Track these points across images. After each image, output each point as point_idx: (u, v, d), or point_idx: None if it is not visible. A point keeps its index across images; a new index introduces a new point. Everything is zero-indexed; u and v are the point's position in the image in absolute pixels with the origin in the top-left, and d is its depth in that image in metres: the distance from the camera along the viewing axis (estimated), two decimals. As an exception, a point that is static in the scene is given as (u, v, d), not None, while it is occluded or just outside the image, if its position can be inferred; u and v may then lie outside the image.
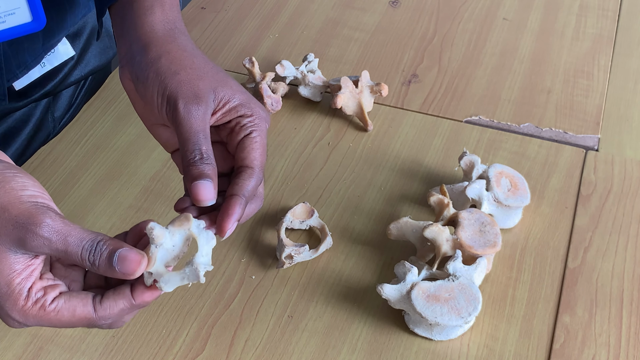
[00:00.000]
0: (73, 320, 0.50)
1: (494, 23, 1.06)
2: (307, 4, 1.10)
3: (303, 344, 0.67)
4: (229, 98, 0.58)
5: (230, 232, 0.54)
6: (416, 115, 0.91)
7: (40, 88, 0.88)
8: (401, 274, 0.68)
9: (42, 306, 0.50)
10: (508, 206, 0.75)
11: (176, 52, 0.60)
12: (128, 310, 0.51)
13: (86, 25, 0.92)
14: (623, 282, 0.72)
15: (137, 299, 0.51)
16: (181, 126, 0.56)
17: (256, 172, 0.57)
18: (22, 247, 0.48)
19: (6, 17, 0.58)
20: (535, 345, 0.67)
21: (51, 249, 0.49)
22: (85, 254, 0.49)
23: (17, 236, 0.48)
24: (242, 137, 0.58)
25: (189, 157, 0.54)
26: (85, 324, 0.51)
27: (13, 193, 0.49)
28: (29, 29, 0.60)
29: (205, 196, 0.54)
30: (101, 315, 0.51)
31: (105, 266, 0.49)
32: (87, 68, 0.93)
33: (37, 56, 0.84)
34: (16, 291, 0.49)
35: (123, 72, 0.62)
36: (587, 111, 0.91)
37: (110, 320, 0.51)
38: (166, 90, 0.57)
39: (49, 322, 0.50)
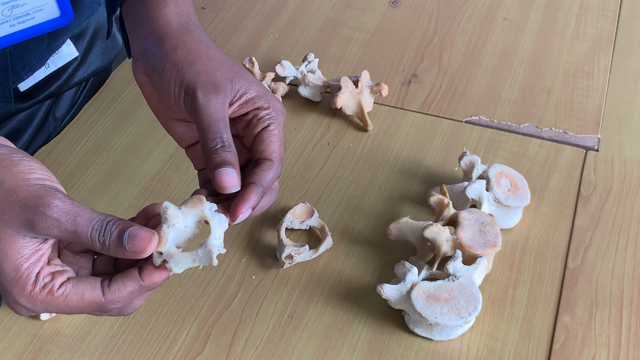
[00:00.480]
0: (81, 304, 0.50)
1: (494, 23, 1.06)
2: (307, 4, 1.10)
3: (303, 344, 0.67)
4: (245, 90, 0.58)
5: (243, 217, 0.54)
6: (416, 115, 0.91)
7: (44, 89, 0.88)
8: (401, 274, 0.68)
9: (50, 291, 0.49)
10: (508, 206, 0.75)
11: (192, 43, 0.59)
12: (137, 292, 0.51)
13: (89, 26, 0.92)
14: (623, 282, 0.72)
15: (146, 280, 0.50)
16: (201, 115, 0.55)
17: (275, 165, 0.56)
18: (31, 229, 0.48)
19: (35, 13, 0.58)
20: (535, 345, 0.67)
21: (60, 230, 0.48)
22: (95, 234, 0.48)
23: (26, 218, 0.48)
24: (259, 129, 0.58)
25: (210, 146, 0.54)
26: (94, 308, 0.50)
27: (20, 176, 0.49)
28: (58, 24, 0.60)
29: (229, 183, 0.53)
30: (110, 298, 0.50)
31: (115, 245, 0.49)
32: (90, 69, 0.93)
33: (42, 57, 0.84)
34: (24, 276, 0.49)
35: (137, 67, 0.61)
36: (587, 111, 0.91)
37: (119, 304, 0.51)
38: (184, 80, 0.57)
39: (57, 307, 0.50)
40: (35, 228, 0.48)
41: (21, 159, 0.50)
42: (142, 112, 0.91)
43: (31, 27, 0.59)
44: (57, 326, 0.69)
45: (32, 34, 0.59)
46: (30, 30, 0.59)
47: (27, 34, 0.59)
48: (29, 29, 0.59)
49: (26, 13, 0.58)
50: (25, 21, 0.58)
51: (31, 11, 0.58)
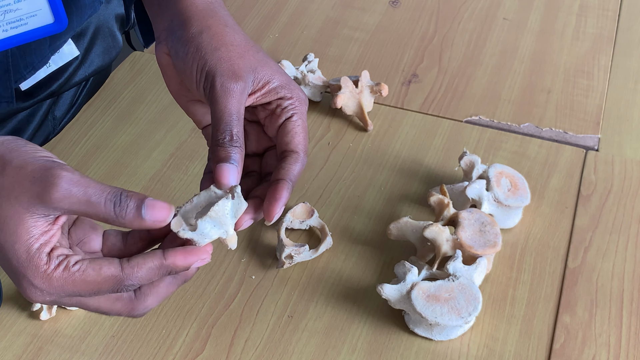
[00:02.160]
0: (99, 279, 0.48)
1: (494, 23, 1.06)
2: (307, 4, 1.10)
3: (303, 344, 0.67)
4: (268, 79, 0.57)
5: (278, 216, 0.54)
6: (416, 115, 0.91)
7: (45, 88, 0.88)
8: (401, 274, 0.68)
9: (66, 267, 0.48)
10: (508, 206, 0.75)
11: (217, 27, 0.59)
12: (156, 270, 0.49)
13: (90, 26, 0.92)
14: (623, 282, 0.72)
15: (169, 259, 0.49)
16: (216, 104, 0.54)
17: (301, 157, 0.57)
18: (41, 202, 0.47)
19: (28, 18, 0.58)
20: (535, 345, 0.67)
21: (71, 202, 0.47)
22: (109, 205, 0.48)
23: (36, 191, 0.47)
24: (283, 120, 0.58)
25: (218, 138, 0.53)
26: (112, 283, 0.49)
27: (27, 154, 0.49)
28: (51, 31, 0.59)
29: (228, 179, 0.52)
30: (128, 272, 0.49)
31: (133, 216, 0.48)
32: (91, 68, 0.93)
33: (44, 57, 0.84)
34: (36, 256, 0.48)
35: (160, 48, 0.60)
36: (587, 111, 0.91)
37: (137, 281, 0.49)
38: (206, 65, 0.56)
39: (74, 284, 0.48)
40: (45, 200, 0.47)
41: (25, 143, 0.50)
42: (142, 112, 0.91)
43: (24, 33, 0.58)
44: (57, 326, 0.69)
45: (25, 39, 0.58)
46: (23, 36, 0.58)
47: (20, 40, 0.58)
48: (22, 35, 0.58)
49: (19, 18, 0.58)
50: (19, 27, 0.58)
51: (24, 17, 0.58)
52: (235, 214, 0.51)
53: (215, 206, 0.50)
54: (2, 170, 0.48)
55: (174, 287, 0.53)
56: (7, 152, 0.49)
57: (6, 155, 0.49)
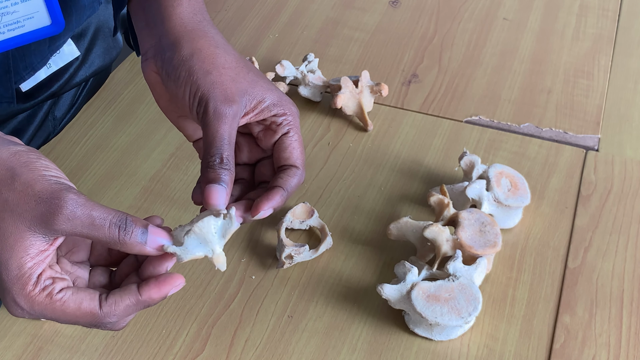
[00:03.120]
0: (77, 313, 0.50)
1: (494, 23, 1.06)
2: (307, 4, 1.10)
3: (303, 344, 0.67)
4: (260, 98, 0.58)
5: (263, 215, 0.55)
6: (416, 115, 0.91)
7: (46, 89, 0.88)
8: (401, 274, 0.68)
9: (49, 294, 0.49)
10: (508, 206, 0.75)
11: (208, 49, 0.59)
12: (133, 307, 0.51)
13: (90, 26, 0.92)
14: (623, 282, 0.72)
15: (144, 295, 0.51)
16: (208, 128, 0.55)
17: (300, 171, 0.58)
18: (44, 223, 0.48)
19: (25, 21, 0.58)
20: (535, 345, 0.67)
21: (74, 224, 0.48)
22: (114, 229, 0.49)
23: (41, 212, 0.48)
24: (279, 136, 0.59)
25: (208, 160, 0.55)
26: (89, 319, 0.50)
27: (37, 172, 0.49)
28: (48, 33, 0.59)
29: (216, 200, 0.53)
30: (106, 311, 0.50)
31: (136, 241, 0.49)
32: (91, 68, 0.93)
33: (44, 58, 0.84)
34: (26, 275, 0.49)
35: (148, 65, 0.61)
36: (587, 111, 0.91)
37: (114, 318, 0.51)
38: (198, 91, 0.57)
39: (53, 312, 0.50)
40: (49, 222, 0.48)
41: (38, 157, 0.51)
42: (142, 112, 0.91)
43: (21, 35, 0.58)
44: (57, 326, 0.69)
45: (22, 41, 0.58)
46: (20, 38, 0.58)
47: (17, 42, 0.58)
48: (19, 37, 0.58)
49: (16, 21, 0.58)
50: (16, 29, 0.58)
51: (21, 19, 0.58)
52: (224, 234, 0.52)
53: (200, 222, 0.50)
54: (11, 183, 0.49)
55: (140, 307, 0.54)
56: (19, 165, 0.50)
57: (17, 169, 0.49)
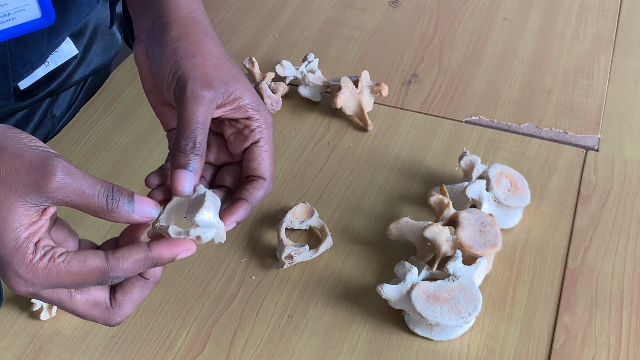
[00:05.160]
0: (83, 270, 0.49)
1: (494, 23, 1.06)
2: (307, 4, 1.10)
3: (303, 344, 0.67)
4: (239, 95, 0.58)
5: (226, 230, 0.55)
6: (416, 115, 0.91)
7: (44, 87, 0.88)
8: (401, 274, 0.68)
9: (51, 258, 0.49)
10: (508, 206, 0.75)
11: (197, 34, 0.59)
12: (142, 262, 0.50)
13: (88, 24, 0.92)
14: (623, 282, 0.72)
15: (154, 251, 0.50)
16: (184, 110, 0.55)
17: (267, 183, 0.57)
18: (37, 190, 0.48)
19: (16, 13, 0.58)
20: (535, 345, 0.67)
21: (66, 192, 0.48)
22: (102, 197, 0.49)
23: (32, 179, 0.48)
24: (250, 143, 0.58)
25: (181, 143, 0.54)
26: (96, 275, 0.49)
27: (24, 143, 0.49)
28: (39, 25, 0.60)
29: (184, 187, 0.53)
30: (113, 264, 0.49)
31: (123, 209, 0.49)
32: (90, 67, 0.93)
33: (42, 55, 0.84)
34: (24, 245, 0.48)
35: (139, 48, 0.61)
36: (587, 111, 0.91)
37: (122, 273, 0.50)
38: (179, 70, 0.56)
39: (58, 275, 0.49)
40: (41, 189, 0.48)
41: (20, 132, 0.51)
42: (142, 112, 0.91)
43: (12, 28, 0.59)
44: (57, 326, 0.69)
45: (13, 34, 0.59)
46: (11, 31, 0.59)
47: (8, 34, 0.59)
48: (10, 29, 0.59)
49: (7, 13, 0.58)
50: (6, 21, 0.59)
51: (12, 11, 0.58)
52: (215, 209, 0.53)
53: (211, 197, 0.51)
54: (2, 156, 0.49)
55: (147, 292, 0.54)
56: (3, 139, 0.50)
57: (2, 142, 0.49)
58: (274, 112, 0.90)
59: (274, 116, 0.90)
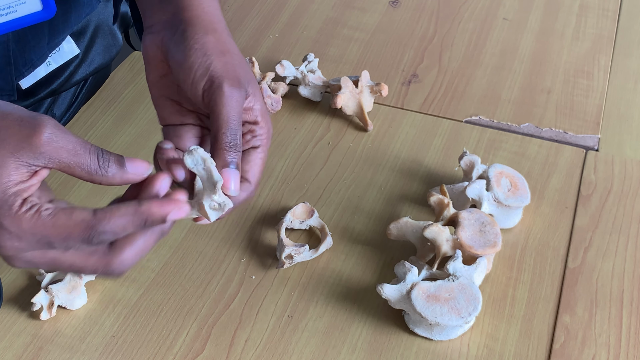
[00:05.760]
0: (69, 223, 0.48)
1: (494, 23, 1.06)
2: (307, 4, 1.10)
3: (303, 344, 0.67)
4: (253, 98, 0.59)
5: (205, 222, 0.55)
6: (416, 115, 0.91)
7: (46, 87, 0.88)
8: (401, 274, 0.68)
9: (37, 211, 0.48)
10: (508, 206, 0.75)
11: (222, 32, 0.60)
12: (130, 218, 0.49)
13: (90, 24, 0.92)
14: (623, 282, 0.72)
15: (144, 205, 0.49)
16: (222, 107, 0.55)
17: (252, 188, 0.58)
18: (28, 145, 0.48)
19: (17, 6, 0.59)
20: (535, 345, 0.67)
21: (57, 148, 0.48)
22: (93, 156, 0.49)
23: (24, 134, 0.48)
24: (248, 147, 0.59)
25: (225, 141, 0.54)
26: (82, 229, 0.48)
27: (13, 106, 0.50)
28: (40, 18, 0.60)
29: (235, 186, 0.54)
30: (100, 217, 0.48)
31: (115, 168, 0.49)
32: (91, 66, 0.93)
33: (43, 54, 0.84)
34: (11, 198, 0.48)
35: (151, 39, 0.61)
36: (587, 111, 0.91)
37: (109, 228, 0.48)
38: (210, 67, 0.57)
39: (44, 227, 0.48)
40: (33, 143, 0.48)
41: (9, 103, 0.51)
42: (142, 112, 0.91)
43: (14, 20, 0.59)
44: (57, 326, 0.69)
45: (14, 26, 0.59)
46: (13, 23, 0.59)
47: (9, 27, 0.60)
48: (11, 22, 0.59)
49: (9, 6, 0.59)
50: (8, 14, 0.59)
51: (14, 4, 0.59)
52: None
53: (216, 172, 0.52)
54: None
55: (152, 240, 0.52)
56: None
57: None
58: (274, 112, 0.90)
59: (273, 116, 0.90)
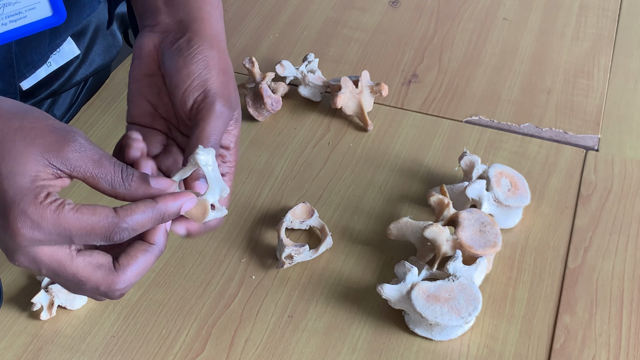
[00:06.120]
0: (92, 219, 0.48)
1: (494, 23, 1.06)
2: (307, 4, 1.10)
3: (303, 344, 0.67)
4: (236, 123, 0.60)
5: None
6: (416, 115, 0.91)
7: (46, 87, 0.88)
8: (401, 274, 0.68)
9: (61, 204, 0.48)
10: (508, 206, 0.75)
11: (224, 52, 0.61)
12: (150, 214, 0.50)
13: (90, 25, 0.92)
14: (623, 282, 0.72)
15: (160, 201, 0.50)
16: (209, 124, 0.56)
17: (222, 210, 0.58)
18: (56, 150, 0.48)
19: (27, 12, 0.59)
20: (535, 345, 0.67)
21: (85, 157, 0.49)
22: (117, 170, 0.50)
23: (54, 138, 0.48)
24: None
25: None
26: (105, 224, 0.48)
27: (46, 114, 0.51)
28: (50, 23, 0.60)
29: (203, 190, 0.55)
30: (122, 214, 0.49)
31: (138, 182, 0.50)
32: (91, 67, 0.93)
33: (44, 55, 0.84)
34: (37, 189, 0.48)
35: (150, 37, 0.61)
36: (587, 111, 0.91)
37: (131, 224, 0.49)
38: (208, 81, 0.58)
39: (67, 220, 0.48)
40: (61, 149, 0.48)
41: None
42: (142, 112, 0.91)
43: (24, 26, 0.59)
44: (57, 326, 0.69)
45: (24, 32, 0.59)
46: (22, 29, 0.59)
47: (19, 33, 0.59)
48: (21, 28, 0.59)
49: (18, 12, 0.58)
50: (17, 20, 0.59)
51: (23, 10, 0.58)
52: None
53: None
54: (24, 115, 0.50)
55: (151, 259, 0.52)
56: (23, 106, 0.51)
57: (26, 107, 0.50)
58: (274, 112, 0.90)
59: (274, 116, 0.90)
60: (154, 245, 0.52)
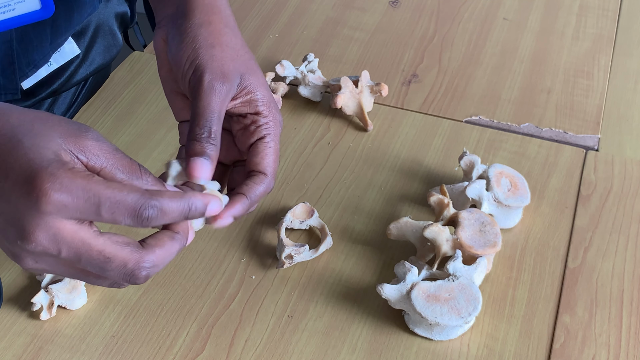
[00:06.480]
0: (124, 190, 0.46)
1: (494, 23, 1.06)
2: (307, 4, 1.10)
3: (303, 344, 0.67)
4: (253, 89, 0.58)
5: (222, 224, 0.53)
6: (416, 115, 0.91)
7: (47, 87, 0.88)
8: (401, 274, 0.68)
9: (90, 173, 0.46)
10: (508, 206, 0.75)
11: (218, 24, 0.59)
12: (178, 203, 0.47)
13: (90, 24, 0.92)
14: (623, 282, 0.72)
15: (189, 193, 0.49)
16: (199, 100, 0.55)
17: (268, 179, 0.57)
18: (74, 137, 0.47)
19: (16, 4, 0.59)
20: (535, 345, 0.67)
21: (101, 147, 0.47)
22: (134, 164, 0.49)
23: (72, 129, 0.47)
24: (255, 139, 0.58)
25: (196, 133, 0.54)
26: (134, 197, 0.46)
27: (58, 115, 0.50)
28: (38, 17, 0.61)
29: (200, 173, 0.52)
30: (152, 192, 0.47)
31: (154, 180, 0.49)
32: (92, 66, 0.93)
33: (45, 55, 0.84)
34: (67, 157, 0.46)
35: (159, 33, 0.61)
36: (587, 111, 0.91)
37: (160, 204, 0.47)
38: (197, 59, 0.56)
39: (97, 184, 0.45)
40: (78, 137, 0.47)
41: None
42: (142, 112, 0.91)
43: (12, 18, 0.60)
44: (57, 326, 0.69)
45: (13, 24, 0.60)
46: (11, 22, 0.60)
47: (8, 25, 0.60)
48: (10, 20, 0.60)
49: (7, 4, 0.59)
50: (6, 12, 0.59)
51: (12, 2, 0.59)
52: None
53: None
54: (35, 111, 0.49)
55: (176, 248, 0.50)
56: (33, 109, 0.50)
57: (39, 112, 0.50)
58: (274, 112, 0.90)
59: (274, 116, 0.90)
60: (179, 234, 0.50)
